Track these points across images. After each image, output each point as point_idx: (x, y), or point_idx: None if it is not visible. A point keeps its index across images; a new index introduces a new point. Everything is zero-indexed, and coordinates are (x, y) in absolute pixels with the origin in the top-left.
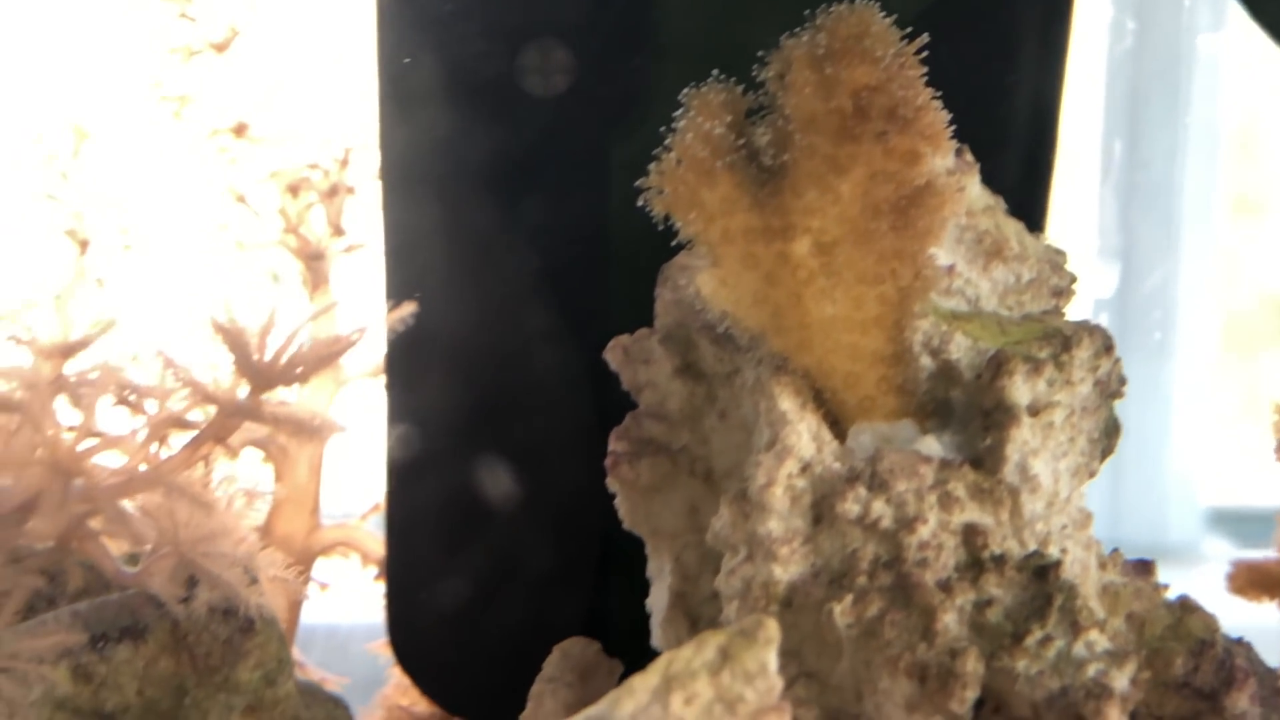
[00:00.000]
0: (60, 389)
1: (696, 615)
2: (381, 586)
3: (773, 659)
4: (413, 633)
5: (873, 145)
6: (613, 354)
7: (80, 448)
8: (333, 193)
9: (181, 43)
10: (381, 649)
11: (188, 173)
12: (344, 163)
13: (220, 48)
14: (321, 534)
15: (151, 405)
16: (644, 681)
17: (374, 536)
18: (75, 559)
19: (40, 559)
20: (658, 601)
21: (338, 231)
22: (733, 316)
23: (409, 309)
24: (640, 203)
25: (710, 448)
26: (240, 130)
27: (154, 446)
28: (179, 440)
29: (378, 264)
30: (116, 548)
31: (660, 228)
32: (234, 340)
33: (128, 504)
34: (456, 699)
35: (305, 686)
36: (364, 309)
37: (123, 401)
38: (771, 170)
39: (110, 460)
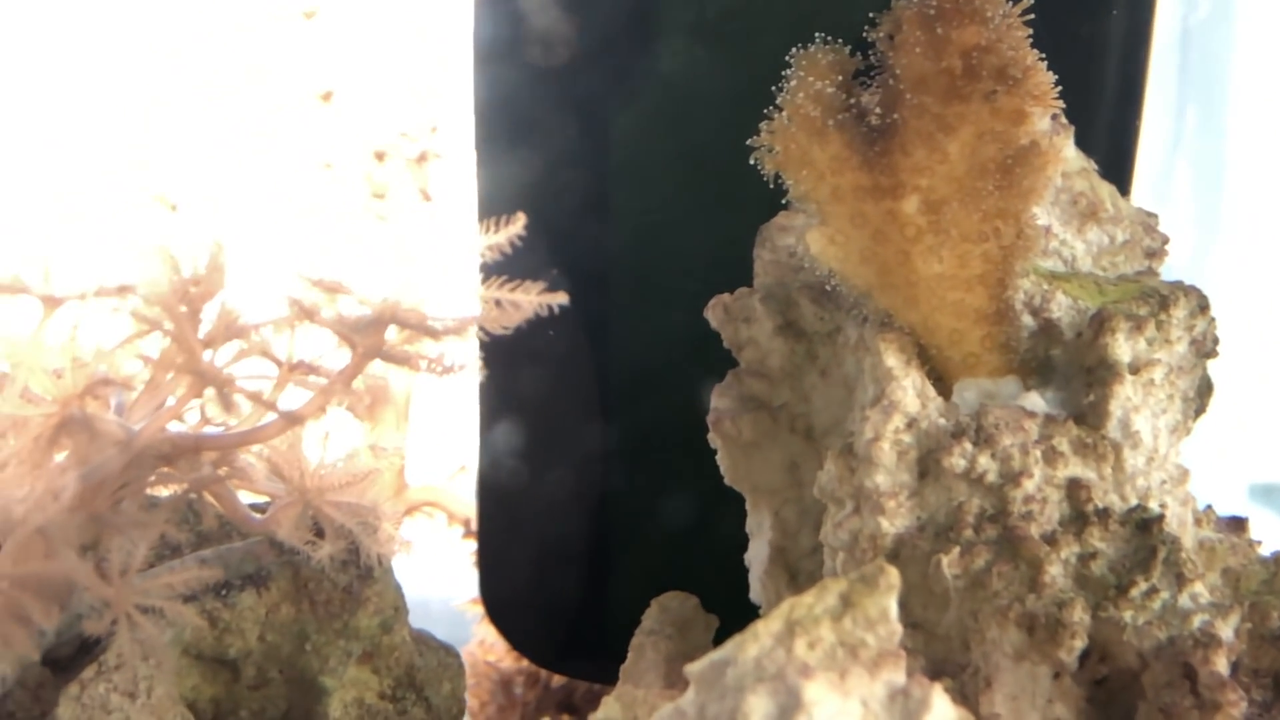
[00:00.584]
0: (195, 330)
1: (796, 569)
2: (468, 545)
3: (893, 605)
4: (503, 589)
5: (981, 105)
6: (713, 312)
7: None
8: (421, 159)
9: (271, 11)
10: (467, 607)
11: (275, 139)
12: (434, 129)
13: (309, 15)
14: (409, 494)
15: (281, 351)
16: (767, 626)
17: (459, 497)
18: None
19: (170, 504)
20: (757, 555)
21: (425, 197)
22: (840, 273)
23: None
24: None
25: (811, 405)
26: (327, 97)
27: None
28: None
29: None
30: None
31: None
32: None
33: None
34: (546, 653)
35: (417, 634)
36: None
37: (254, 347)
38: (879, 130)
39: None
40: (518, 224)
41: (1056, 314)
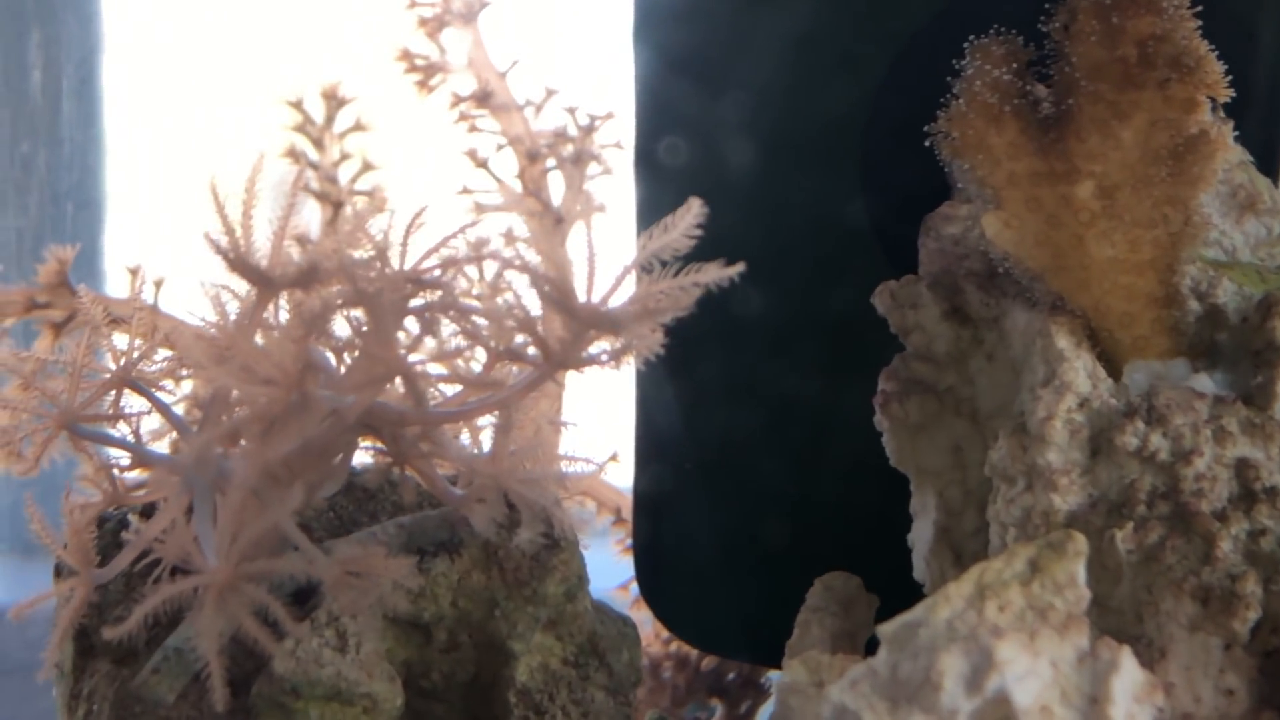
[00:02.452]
0: (404, 309)
1: (960, 549)
2: (620, 534)
3: (1081, 570)
4: (659, 573)
5: (1155, 92)
6: (880, 298)
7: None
8: (577, 160)
9: (430, 14)
10: (614, 595)
11: (433, 139)
12: (590, 130)
13: (466, 19)
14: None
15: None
16: (958, 590)
17: (611, 486)
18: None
19: (374, 475)
20: (921, 535)
21: (581, 197)
22: (1014, 257)
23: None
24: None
25: (976, 388)
26: (484, 99)
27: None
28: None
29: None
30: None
31: None
32: (558, 285)
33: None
34: (708, 638)
35: (596, 604)
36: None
37: (463, 330)
38: (1054, 117)
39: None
40: (690, 217)
41: (1222, 299)
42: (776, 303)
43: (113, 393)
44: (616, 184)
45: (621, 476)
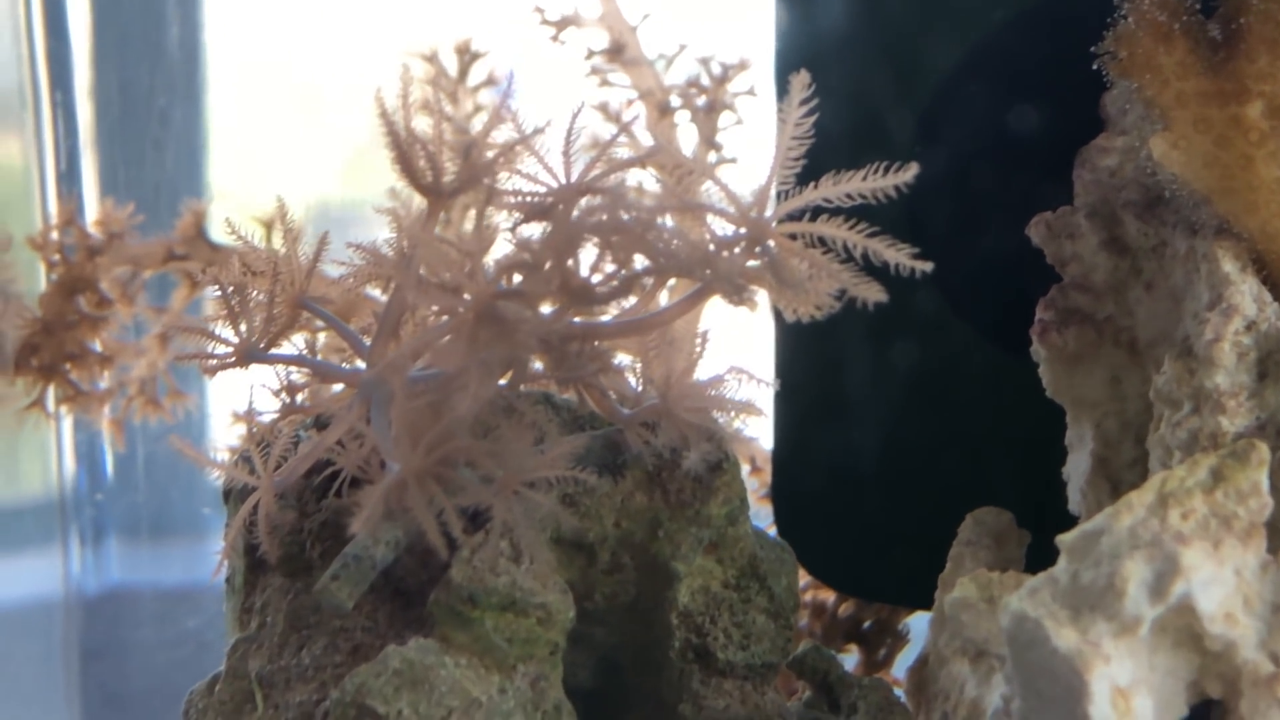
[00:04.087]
0: (572, 232)
1: (1118, 480)
2: (754, 483)
3: (1264, 480)
4: (799, 517)
5: None
6: (1035, 229)
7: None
8: (710, 109)
9: None
10: None
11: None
12: (724, 80)
13: None
14: None
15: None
16: (1140, 498)
17: (745, 436)
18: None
19: (533, 396)
20: (1077, 468)
21: (712, 147)
22: (1181, 178)
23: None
24: None
25: (1135, 318)
26: (616, 53)
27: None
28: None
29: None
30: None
31: None
32: (730, 194)
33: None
34: (849, 580)
35: (755, 529)
36: None
37: (623, 248)
38: (1223, 37)
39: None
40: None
41: None
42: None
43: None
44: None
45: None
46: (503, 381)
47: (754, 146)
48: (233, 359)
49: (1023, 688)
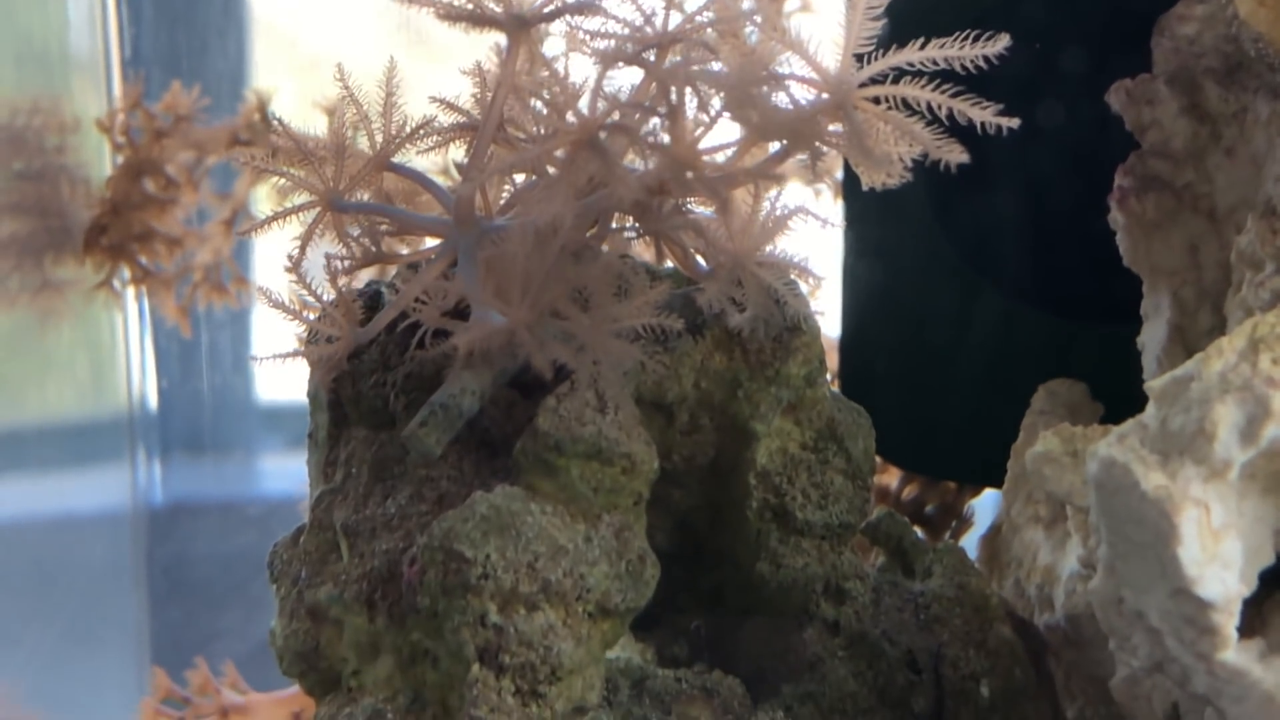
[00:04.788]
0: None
1: (1194, 348)
2: None
3: None
4: (869, 398)
5: None
6: (1115, 96)
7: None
8: None
9: None
10: None
11: None
12: None
13: None
14: None
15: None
16: (1231, 343)
17: None
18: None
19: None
20: (1153, 336)
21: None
22: (1268, 37)
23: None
24: None
25: (1214, 185)
26: None
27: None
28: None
29: None
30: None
31: None
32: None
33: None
34: (918, 459)
35: (833, 392)
36: None
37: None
38: None
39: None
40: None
41: None
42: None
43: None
44: None
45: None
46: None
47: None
48: (316, 206)
49: (1109, 534)
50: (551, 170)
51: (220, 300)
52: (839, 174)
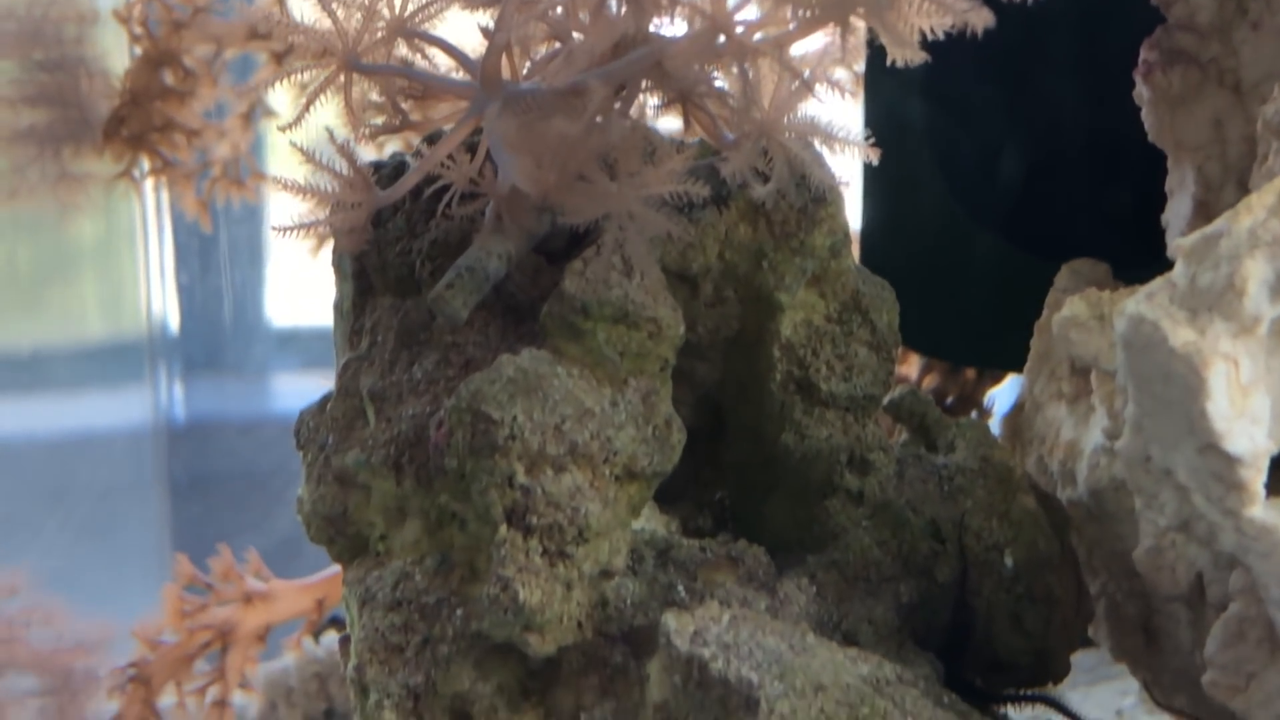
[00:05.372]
0: None
1: None
2: None
3: None
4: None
5: None
6: None
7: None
8: None
9: None
10: None
11: None
12: None
13: None
14: None
15: None
16: (1260, 200)
17: None
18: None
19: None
20: (1178, 212)
21: None
22: None
23: None
24: None
25: (1239, 59)
26: None
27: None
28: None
29: None
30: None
31: None
32: None
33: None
34: (937, 344)
35: (857, 265)
36: None
37: None
38: None
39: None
40: None
41: None
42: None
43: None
44: None
45: None
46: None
47: None
48: (334, 68)
49: (1137, 392)
50: (578, 36)
51: (239, 195)
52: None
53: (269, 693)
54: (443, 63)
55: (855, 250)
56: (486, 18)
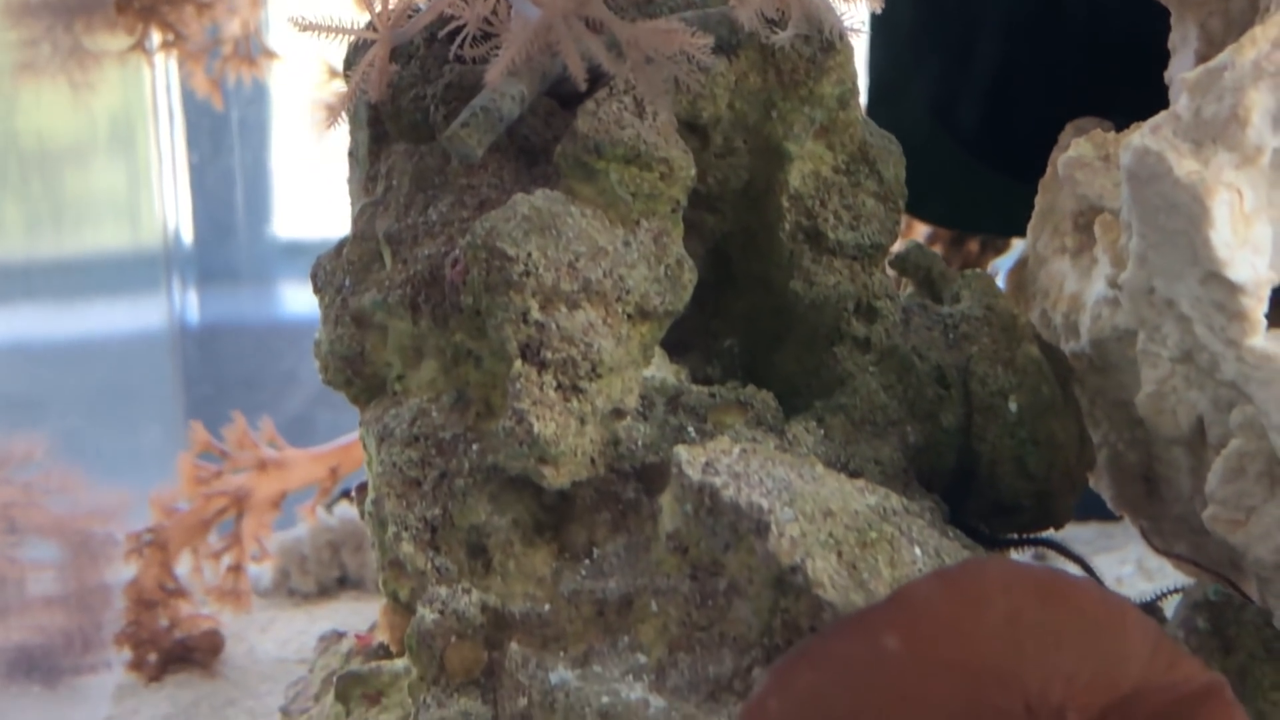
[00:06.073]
0: None
1: None
2: None
3: None
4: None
5: None
6: None
7: None
8: None
9: None
10: None
11: None
12: None
13: None
14: None
15: None
16: (1264, 32)
17: None
18: None
19: None
20: (1180, 68)
21: None
22: None
23: None
24: None
25: None
26: None
27: None
28: None
29: None
30: None
31: None
32: None
33: None
34: (942, 212)
35: (864, 117)
36: None
37: None
38: None
39: None
40: None
41: None
42: None
43: None
44: None
45: None
46: None
47: None
48: None
49: (1141, 225)
50: None
51: (249, 73)
52: None
53: (283, 560)
54: None
55: None
56: None
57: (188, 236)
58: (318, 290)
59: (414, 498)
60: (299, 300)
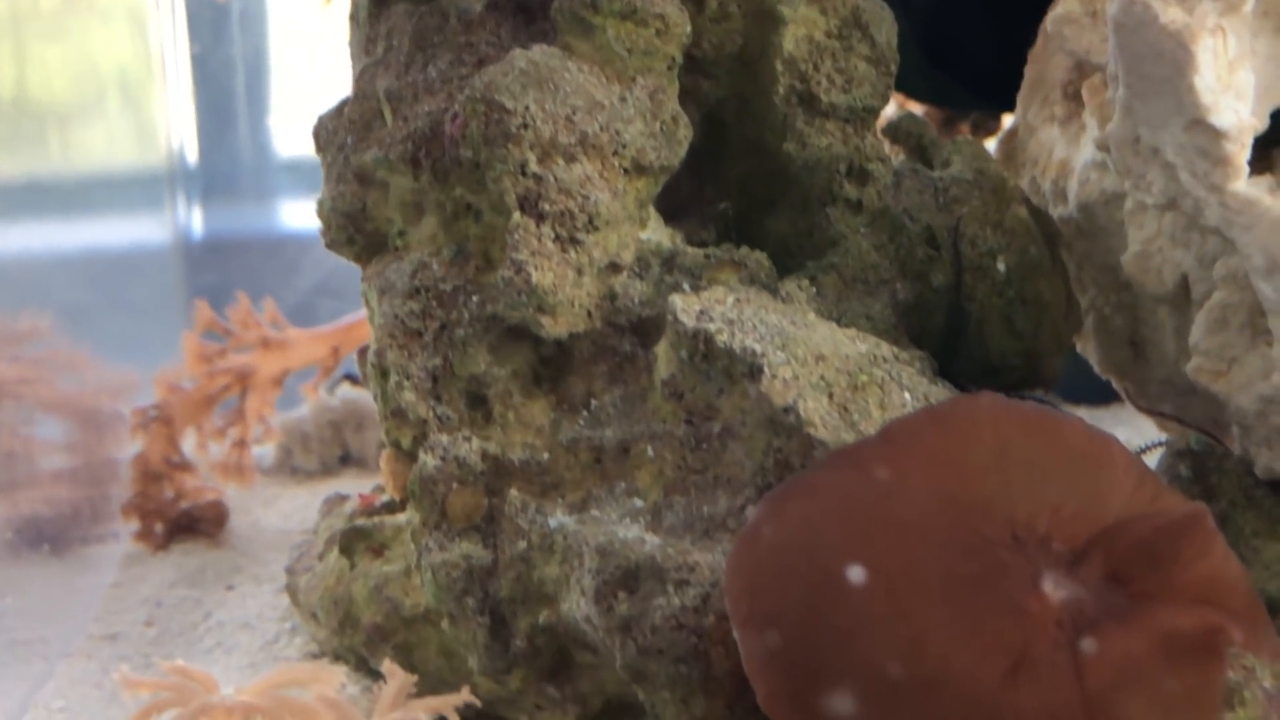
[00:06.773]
0: None
1: None
2: None
3: None
4: None
5: None
6: None
7: None
8: None
9: None
10: None
11: None
12: None
13: None
14: None
15: None
16: None
17: None
18: None
19: None
20: None
21: None
22: None
23: None
24: None
25: None
26: None
27: None
28: None
29: None
30: None
31: None
32: None
33: None
34: (932, 91)
35: None
36: None
37: None
38: None
39: None
40: None
41: None
42: None
43: None
44: None
45: None
46: None
47: None
48: None
49: (1126, 75)
50: None
51: None
52: None
53: (286, 438)
54: None
55: None
56: None
57: (192, 155)
58: (320, 149)
59: (415, 348)
60: (298, 217)
